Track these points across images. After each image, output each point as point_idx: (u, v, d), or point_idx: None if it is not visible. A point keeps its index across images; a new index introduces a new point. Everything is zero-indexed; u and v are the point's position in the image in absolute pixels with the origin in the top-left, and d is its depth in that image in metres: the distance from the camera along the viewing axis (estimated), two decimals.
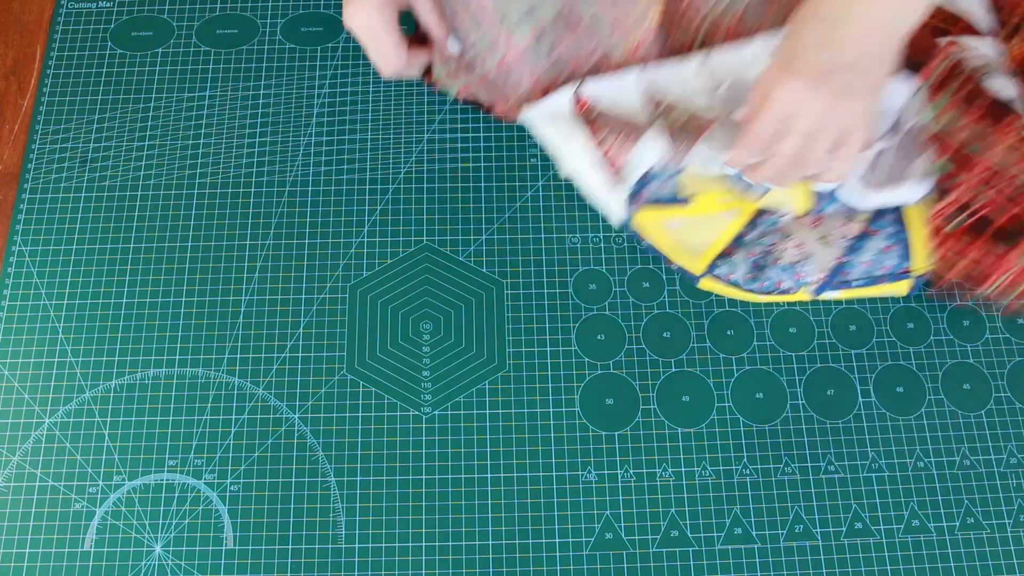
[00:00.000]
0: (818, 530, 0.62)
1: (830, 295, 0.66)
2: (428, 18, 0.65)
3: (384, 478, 0.63)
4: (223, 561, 0.60)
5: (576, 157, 0.67)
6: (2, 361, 0.66)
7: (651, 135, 0.65)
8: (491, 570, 0.60)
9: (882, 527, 0.62)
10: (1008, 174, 0.61)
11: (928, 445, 0.64)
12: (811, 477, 0.63)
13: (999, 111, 0.62)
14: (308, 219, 0.71)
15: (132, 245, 0.70)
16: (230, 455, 0.63)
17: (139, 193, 0.71)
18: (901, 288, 0.66)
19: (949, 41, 0.64)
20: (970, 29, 0.68)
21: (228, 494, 0.62)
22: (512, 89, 0.68)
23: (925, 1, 0.52)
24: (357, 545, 0.61)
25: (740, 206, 0.64)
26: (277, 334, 0.67)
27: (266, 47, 0.77)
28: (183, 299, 0.68)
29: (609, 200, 0.66)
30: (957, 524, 0.62)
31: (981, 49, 0.68)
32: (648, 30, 0.64)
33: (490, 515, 0.62)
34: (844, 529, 0.62)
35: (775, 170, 0.56)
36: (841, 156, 0.55)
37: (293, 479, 0.63)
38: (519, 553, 0.61)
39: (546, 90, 0.68)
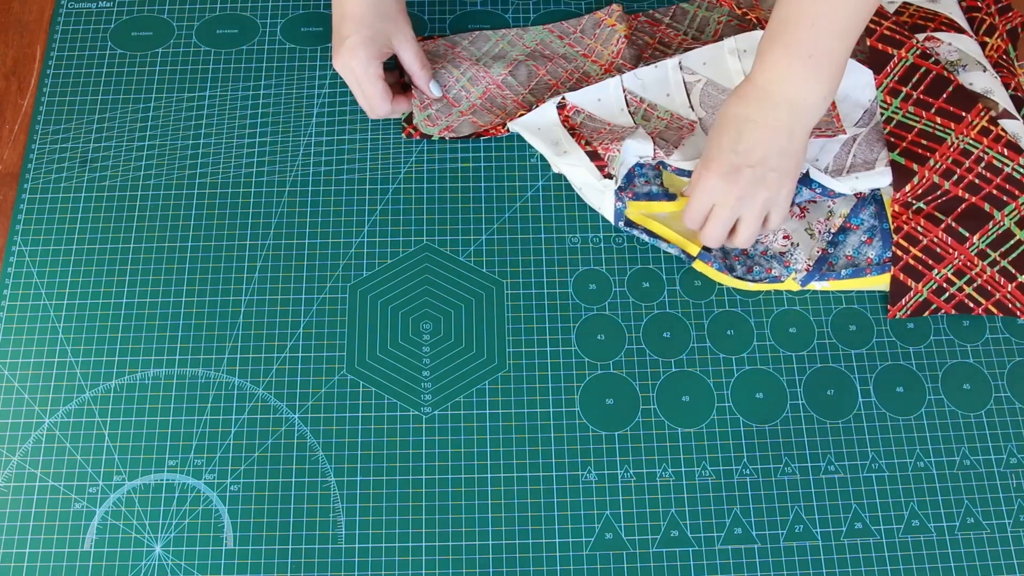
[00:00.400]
0: (818, 530, 0.62)
1: (818, 285, 0.68)
2: (412, 64, 0.71)
3: (384, 478, 0.63)
4: (223, 561, 0.60)
5: (564, 159, 0.69)
6: (2, 361, 0.66)
7: (635, 136, 0.67)
8: (491, 570, 0.60)
9: (882, 527, 0.62)
10: (974, 157, 0.64)
11: (928, 445, 0.64)
12: (811, 477, 0.63)
13: (967, 100, 0.65)
14: (308, 219, 0.71)
15: (132, 245, 0.70)
16: (230, 455, 0.63)
17: (139, 193, 0.71)
18: (886, 281, 0.67)
19: (927, 36, 0.67)
20: (951, 25, 0.69)
21: (228, 494, 0.62)
22: (499, 110, 0.73)
23: (823, 104, 0.61)
24: (357, 545, 0.61)
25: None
26: (277, 334, 0.67)
27: (266, 47, 0.77)
28: (183, 299, 0.68)
29: (600, 196, 0.68)
30: (957, 524, 0.62)
31: (957, 44, 0.69)
32: (618, 51, 0.73)
33: (490, 515, 0.62)
34: (844, 529, 0.62)
35: (714, 241, 0.65)
36: (767, 227, 0.65)
37: (293, 479, 0.63)
38: (519, 553, 0.61)
39: (531, 106, 0.72)
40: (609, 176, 0.66)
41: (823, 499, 0.63)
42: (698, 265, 0.68)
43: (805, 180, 0.65)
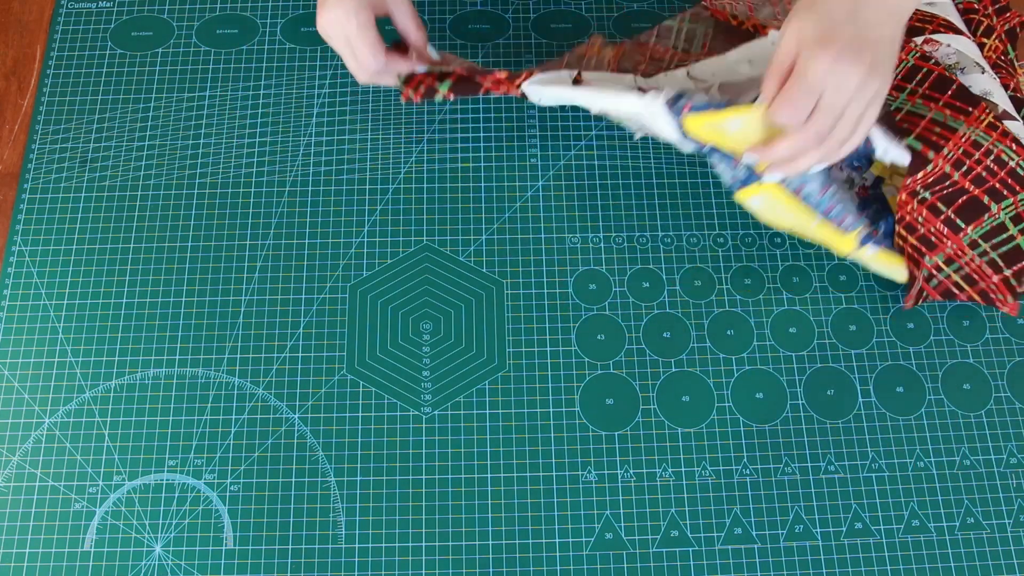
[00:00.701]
0: (818, 530, 0.62)
1: (871, 251, 0.66)
2: (407, 23, 0.65)
3: (384, 478, 0.63)
4: (223, 561, 0.60)
5: (597, 100, 0.63)
6: (2, 361, 0.66)
7: (667, 81, 0.64)
8: (491, 570, 0.60)
9: (882, 527, 0.62)
10: (983, 149, 0.63)
11: (928, 445, 0.64)
12: (811, 477, 0.63)
13: (971, 98, 0.65)
14: (308, 219, 0.71)
15: (132, 245, 0.70)
16: (230, 455, 0.63)
17: (139, 193, 0.71)
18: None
19: (925, 39, 0.66)
20: (949, 27, 0.69)
21: (228, 494, 0.62)
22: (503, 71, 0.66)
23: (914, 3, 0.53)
24: (357, 545, 0.61)
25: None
26: (277, 334, 0.67)
27: (266, 47, 0.77)
28: (183, 299, 0.68)
29: (652, 116, 0.61)
30: (957, 524, 0.62)
31: (955, 45, 0.69)
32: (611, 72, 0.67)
33: (490, 515, 0.62)
34: (844, 529, 0.62)
35: (796, 149, 0.54)
36: (857, 135, 0.54)
37: (293, 479, 0.63)
38: (519, 553, 0.61)
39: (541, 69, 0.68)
40: (650, 96, 0.59)
41: (823, 499, 0.63)
42: (768, 188, 0.60)
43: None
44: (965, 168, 0.63)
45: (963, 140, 0.63)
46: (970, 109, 0.64)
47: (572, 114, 0.75)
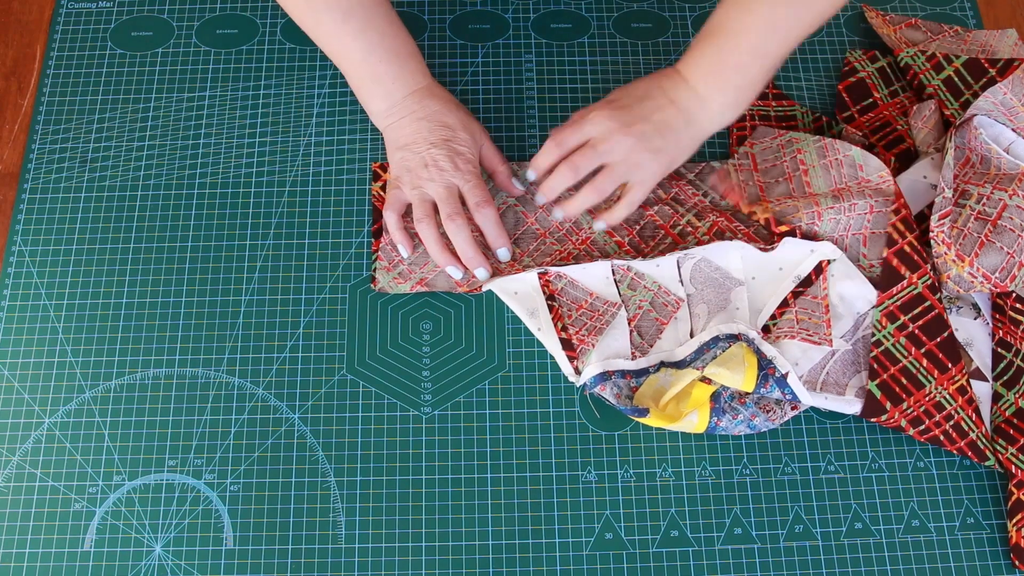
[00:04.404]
0: (818, 530, 0.62)
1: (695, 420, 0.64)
2: (495, 160, 0.70)
3: (384, 478, 0.63)
4: (223, 561, 0.60)
5: (538, 334, 0.66)
6: (2, 361, 0.66)
7: (613, 329, 0.64)
8: (491, 570, 0.60)
9: (882, 527, 0.62)
10: (945, 413, 0.62)
11: (928, 445, 0.64)
12: (811, 477, 0.63)
13: (955, 354, 0.63)
14: (308, 219, 0.71)
15: (132, 245, 0.70)
16: (230, 455, 0.63)
17: (139, 193, 0.71)
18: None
19: (922, 269, 0.64)
20: (920, 257, 0.65)
21: (228, 494, 0.62)
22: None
23: (722, 115, 0.65)
24: (357, 545, 0.61)
25: (697, 408, 0.62)
26: (277, 334, 0.67)
27: (266, 47, 0.77)
28: (183, 299, 0.68)
29: (568, 372, 0.65)
30: (957, 524, 0.62)
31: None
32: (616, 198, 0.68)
33: (490, 515, 0.62)
34: (844, 529, 0.62)
35: (561, 180, 0.64)
36: (622, 199, 0.66)
37: (293, 479, 0.63)
38: (519, 553, 0.61)
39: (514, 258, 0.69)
40: (578, 372, 0.63)
41: (823, 499, 0.63)
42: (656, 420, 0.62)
43: (781, 383, 0.61)
44: (922, 428, 0.62)
45: (927, 399, 0.62)
46: (948, 366, 0.63)
47: (572, 114, 0.75)
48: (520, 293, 0.66)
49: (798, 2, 0.62)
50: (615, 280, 0.66)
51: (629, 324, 0.65)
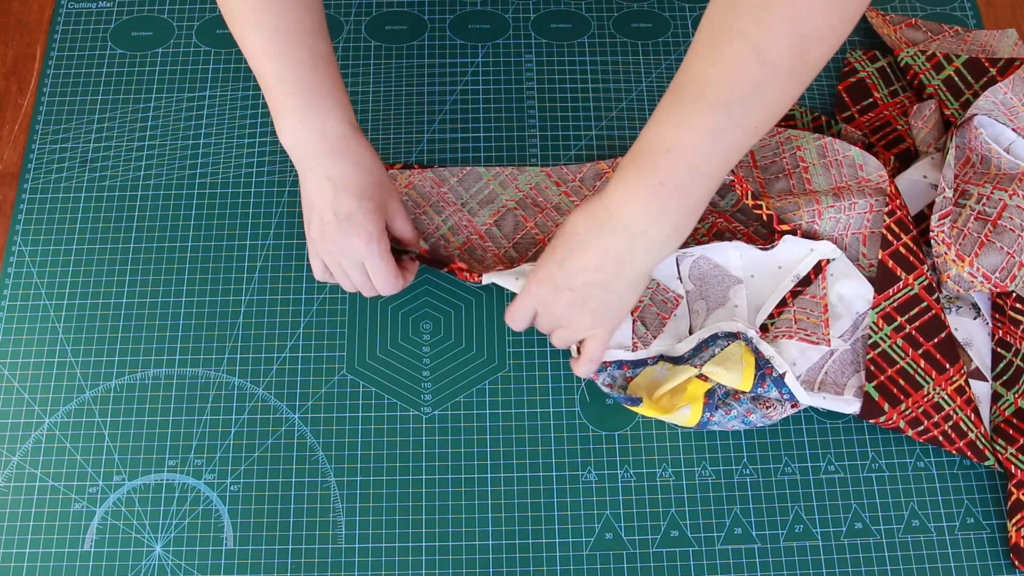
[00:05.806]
0: (818, 530, 0.62)
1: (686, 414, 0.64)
2: (406, 231, 0.64)
3: (384, 478, 0.63)
4: (223, 561, 0.60)
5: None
6: (2, 361, 0.66)
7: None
8: (491, 570, 0.60)
9: (882, 527, 0.62)
10: (943, 414, 0.62)
11: (928, 445, 0.64)
12: (811, 477, 0.63)
13: (953, 354, 0.63)
14: None
15: (132, 245, 0.70)
16: (230, 455, 0.63)
17: (139, 193, 0.71)
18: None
19: (918, 270, 0.64)
20: (918, 258, 0.65)
21: (228, 494, 0.62)
22: (477, 263, 0.68)
23: (666, 243, 0.55)
24: (357, 545, 0.61)
25: (691, 403, 0.62)
26: (277, 334, 0.67)
27: None
28: (183, 299, 0.68)
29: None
30: (957, 524, 0.62)
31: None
32: None
33: (490, 515, 0.62)
34: (844, 529, 0.62)
35: (546, 330, 0.62)
36: (583, 354, 0.61)
37: (293, 479, 0.63)
38: (519, 553, 0.61)
39: (512, 263, 0.68)
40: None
41: (823, 499, 0.63)
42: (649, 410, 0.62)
43: (778, 382, 0.61)
44: (921, 428, 0.62)
45: (925, 400, 0.62)
46: (946, 366, 0.63)
47: (572, 114, 0.75)
48: (522, 280, 0.64)
49: (740, 108, 0.51)
50: None
51: (632, 314, 0.65)
